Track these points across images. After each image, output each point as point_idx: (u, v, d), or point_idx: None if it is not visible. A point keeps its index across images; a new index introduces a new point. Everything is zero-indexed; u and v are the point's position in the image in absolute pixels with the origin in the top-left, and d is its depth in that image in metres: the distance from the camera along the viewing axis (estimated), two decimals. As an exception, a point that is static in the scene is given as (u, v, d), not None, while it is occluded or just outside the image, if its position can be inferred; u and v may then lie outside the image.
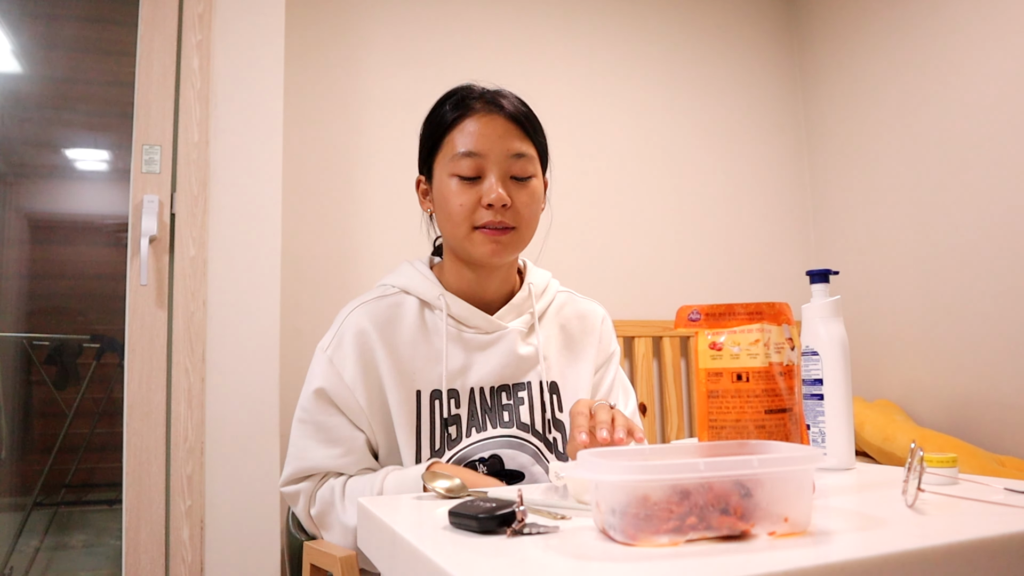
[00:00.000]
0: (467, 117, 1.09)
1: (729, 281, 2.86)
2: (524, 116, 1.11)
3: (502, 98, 1.11)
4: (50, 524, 2.58)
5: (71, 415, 2.54)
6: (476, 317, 1.13)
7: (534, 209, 1.11)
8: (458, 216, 1.08)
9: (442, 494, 0.85)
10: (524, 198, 1.09)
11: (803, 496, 0.60)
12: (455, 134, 1.09)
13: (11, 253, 2.64)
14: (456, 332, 1.12)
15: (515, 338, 1.13)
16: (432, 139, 1.13)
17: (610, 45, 2.81)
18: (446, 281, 1.16)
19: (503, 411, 1.12)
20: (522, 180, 1.09)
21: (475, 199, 1.07)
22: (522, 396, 1.13)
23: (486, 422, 1.11)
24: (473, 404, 1.11)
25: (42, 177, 2.68)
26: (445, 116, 1.11)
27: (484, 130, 1.08)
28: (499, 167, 1.07)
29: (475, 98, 1.10)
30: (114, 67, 2.56)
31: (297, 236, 2.30)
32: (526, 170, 1.10)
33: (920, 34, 2.56)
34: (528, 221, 1.10)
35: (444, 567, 0.55)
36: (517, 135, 1.09)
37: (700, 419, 0.82)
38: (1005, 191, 2.28)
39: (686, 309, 0.84)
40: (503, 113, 1.09)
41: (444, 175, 1.10)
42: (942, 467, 0.81)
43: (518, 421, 1.12)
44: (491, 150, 1.07)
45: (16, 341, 2.58)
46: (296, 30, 2.32)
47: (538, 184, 1.13)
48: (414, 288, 1.15)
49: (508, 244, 1.08)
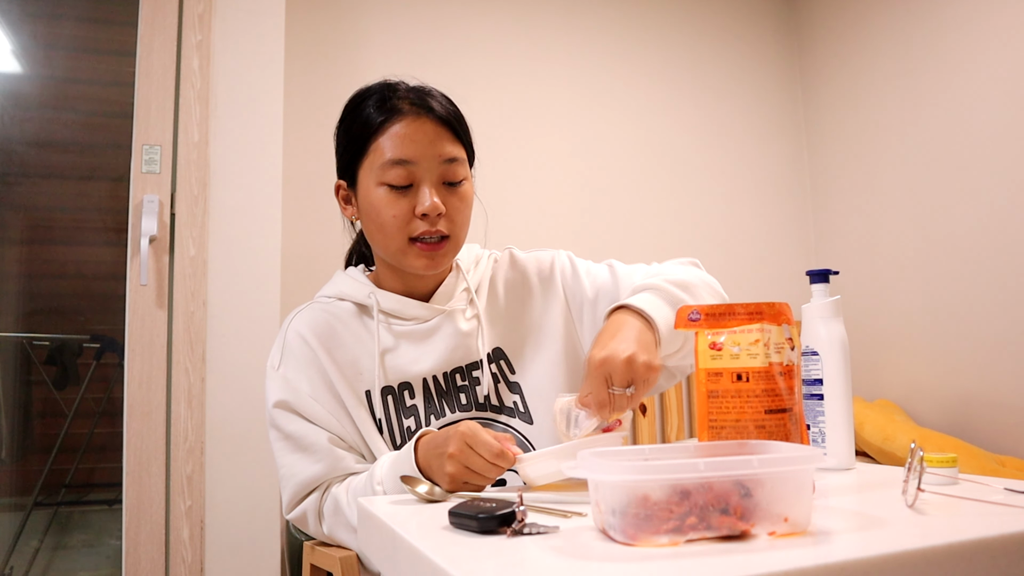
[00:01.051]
0: (394, 120, 1.04)
1: (729, 281, 2.85)
2: (454, 117, 1.07)
3: (431, 99, 1.06)
4: (50, 524, 2.58)
5: (71, 415, 2.54)
6: (411, 307, 1.11)
7: (467, 214, 1.09)
8: (391, 228, 1.04)
9: (423, 497, 0.84)
10: (456, 203, 1.06)
11: (803, 496, 0.60)
12: (382, 139, 1.04)
13: (11, 253, 2.64)
14: (387, 327, 1.11)
15: (456, 317, 1.12)
16: (356, 143, 1.08)
17: (610, 45, 2.81)
18: (379, 282, 1.15)
19: (459, 393, 1.10)
20: (454, 185, 1.06)
21: (407, 209, 1.04)
22: (476, 375, 1.11)
23: (443, 408, 1.09)
24: (428, 393, 1.09)
25: (42, 177, 2.68)
26: (370, 118, 1.06)
27: (414, 135, 1.03)
28: (431, 174, 1.04)
29: (401, 98, 1.05)
30: (114, 67, 2.56)
31: (297, 236, 2.30)
32: (458, 174, 1.06)
33: (920, 34, 2.56)
34: (462, 225, 1.08)
35: (444, 567, 0.55)
36: (448, 138, 1.05)
37: (700, 419, 0.82)
38: (1005, 191, 2.28)
39: (686, 309, 0.84)
40: (432, 115, 1.05)
41: (371, 183, 1.06)
42: (942, 467, 0.81)
43: (475, 401, 1.10)
44: (423, 156, 1.03)
45: (16, 341, 2.58)
46: (296, 30, 2.32)
47: (469, 187, 1.10)
48: (346, 293, 1.14)
49: (444, 255, 1.07)
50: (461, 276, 1.16)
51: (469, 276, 1.16)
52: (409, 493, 0.86)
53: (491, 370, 1.12)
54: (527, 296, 1.18)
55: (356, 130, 1.08)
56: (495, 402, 1.11)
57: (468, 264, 1.18)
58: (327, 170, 2.42)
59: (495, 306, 1.16)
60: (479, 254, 1.22)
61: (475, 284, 1.16)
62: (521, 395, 1.13)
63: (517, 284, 1.18)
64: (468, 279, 1.16)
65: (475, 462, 0.86)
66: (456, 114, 1.09)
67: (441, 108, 1.07)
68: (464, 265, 1.17)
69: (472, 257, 1.20)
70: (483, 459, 0.86)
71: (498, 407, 1.11)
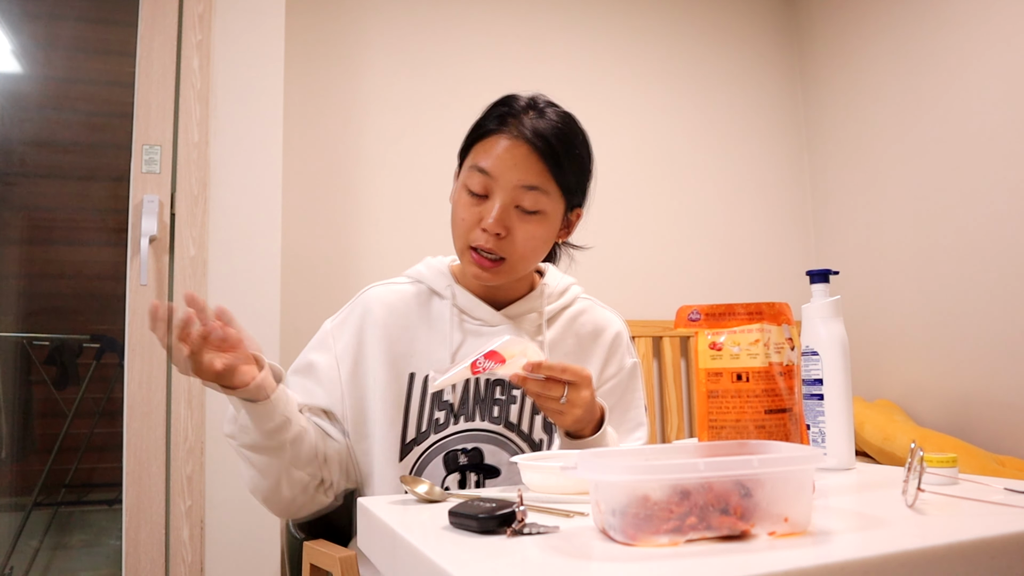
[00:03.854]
0: (496, 134, 1.07)
1: (729, 281, 2.86)
2: (552, 150, 1.06)
3: (540, 123, 1.07)
4: (50, 524, 2.58)
5: (71, 415, 2.54)
6: (480, 309, 1.14)
7: (533, 244, 1.08)
8: (458, 229, 1.09)
9: (423, 497, 0.84)
10: (524, 232, 1.07)
11: (803, 496, 0.60)
12: (482, 146, 1.08)
13: (11, 253, 2.64)
14: (459, 321, 1.14)
15: (518, 333, 1.13)
16: (468, 140, 1.13)
17: (611, 45, 2.81)
18: (461, 278, 1.18)
19: (494, 405, 1.12)
20: (529, 213, 1.07)
21: (477, 217, 1.07)
22: (515, 394, 1.13)
23: (475, 413, 1.11)
24: (466, 393, 1.11)
25: (42, 177, 2.68)
26: (484, 123, 1.10)
27: (504, 154, 1.05)
28: (506, 194, 1.05)
29: (513, 116, 1.08)
30: (114, 67, 2.57)
31: (297, 236, 2.30)
32: (536, 204, 1.06)
33: (920, 34, 2.56)
34: (524, 255, 1.08)
35: (444, 567, 0.55)
36: (536, 168, 1.05)
37: (700, 419, 0.82)
38: (1005, 191, 2.28)
39: (686, 309, 0.84)
40: (530, 143, 1.05)
41: (461, 182, 1.11)
42: (942, 467, 0.81)
43: (506, 419, 1.12)
44: (503, 175, 1.05)
45: (16, 341, 2.58)
46: (296, 30, 2.32)
47: (545, 222, 1.09)
48: (427, 278, 1.18)
49: (495, 273, 1.08)
50: (542, 298, 1.18)
51: (549, 303, 1.18)
52: (409, 493, 0.86)
53: None
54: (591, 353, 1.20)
55: (473, 129, 1.13)
56: (524, 428, 1.13)
57: (553, 290, 1.20)
58: (327, 170, 2.44)
59: (561, 343, 1.18)
60: (568, 285, 1.23)
61: (551, 312, 1.18)
62: (551, 437, 1.14)
63: (587, 336, 1.20)
64: (546, 305, 1.18)
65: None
66: (557, 149, 1.07)
67: (544, 137, 1.06)
68: (548, 291, 1.19)
69: (561, 285, 1.22)
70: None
71: (525, 434, 1.13)
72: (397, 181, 2.45)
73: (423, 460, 1.09)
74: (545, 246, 1.12)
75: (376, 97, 2.48)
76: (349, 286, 2.35)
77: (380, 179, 2.45)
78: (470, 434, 1.10)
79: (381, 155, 2.46)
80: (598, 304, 1.25)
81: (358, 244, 2.41)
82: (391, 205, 2.45)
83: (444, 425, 1.10)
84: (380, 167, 2.45)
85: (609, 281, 2.66)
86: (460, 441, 1.10)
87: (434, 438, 1.09)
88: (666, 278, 2.77)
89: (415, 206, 2.45)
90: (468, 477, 1.10)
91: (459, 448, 1.09)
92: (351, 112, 2.45)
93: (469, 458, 1.09)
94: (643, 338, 2.60)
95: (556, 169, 1.07)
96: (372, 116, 2.46)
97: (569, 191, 1.12)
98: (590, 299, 1.25)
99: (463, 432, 1.10)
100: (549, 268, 1.24)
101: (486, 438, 1.11)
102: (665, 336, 2.65)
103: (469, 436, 1.10)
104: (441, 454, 1.09)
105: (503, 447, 1.11)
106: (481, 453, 1.10)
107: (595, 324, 1.21)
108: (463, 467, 1.10)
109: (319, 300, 2.30)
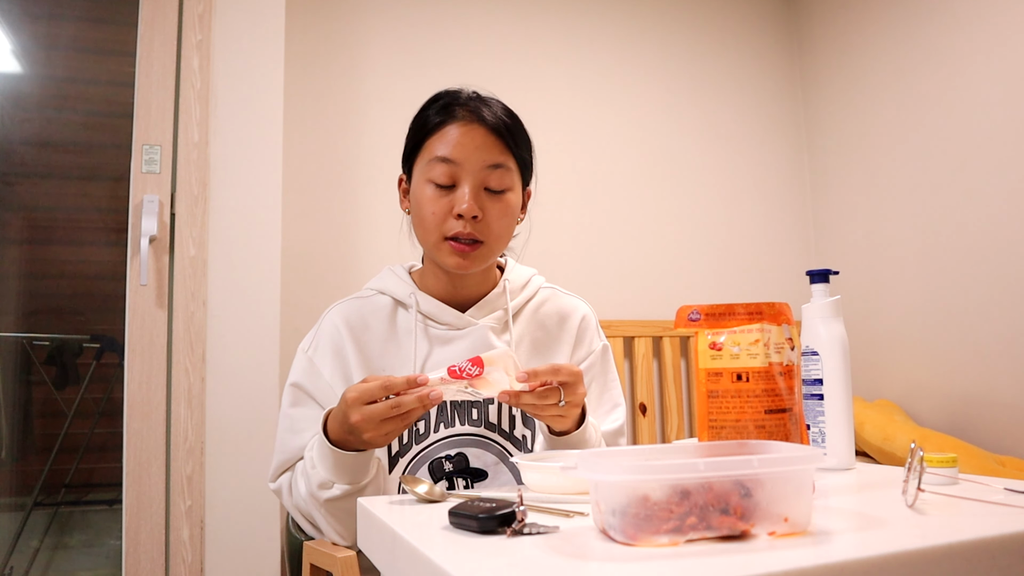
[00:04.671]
0: (448, 124, 1.08)
1: (729, 281, 2.86)
2: (506, 128, 1.10)
3: (486, 107, 1.10)
4: (50, 524, 2.58)
5: (71, 415, 2.54)
6: (445, 314, 1.14)
7: (506, 223, 1.10)
8: (430, 223, 1.08)
9: (423, 497, 0.84)
10: (496, 212, 1.09)
11: (803, 496, 0.60)
12: (435, 139, 1.09)
13: (11, 253, 2.64)
14: (424, 328, 1.13)
15: (485, 334, 1.13)
16: (414, 140, 1.14)
17: (610, 46, 2.81)
18: (423, 284, 1.18)
19: (472, 408, 1.12)
20: (497, 193, 1.09)
21: (447, 208, 1.07)
22: None
23: (454, 418, 1.11)
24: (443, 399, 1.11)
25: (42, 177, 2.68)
26: (428, 119, 1.11)
27: (463, 139, 1.07)
28: (474, 177, 1.07)
29: (460, 105, 1.10)
30: (114, 67, 2.56)
31: (297, 236, 2.30)
32: (502, 182, 1.09)
33: (920, 34, 2.56)
34: (499, 235, 1.10)
35: (444, 567, 0.55)
36: (496, 147, 1.08)
37: (700, 419, 0.82)
38: (1005, 191, 2.28)
39: (686, 309, 0.84)
40: (485, 124, 1.08)
41: (421, 179, 1.10)
42: (942, 467, 0.81)
43: (486, 420, 1.12)
44: (467, 159, 1.07)
45: (16, 341, 2.58)
46: (296, 30, 2.32)
47: (513, 198, 1.11)
48: (388, 289, 1.17)
49: (476, 258, 1.08)
50: (505, 295, 1.18)
51: (512, 298, 1.18)
52: (409, 493, 0.86)
53: None
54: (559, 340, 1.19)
55: (417, 129, 1.14)
56: (505, 427, 1.13)
57: (515, 285, 1.20)
58: (327, 170, 2.44)
59: (529, 337, 1.18)
60: (529, 277, 1.23)
61: (515, 307, 1.18)
62: (533, 432, 1.14)
63: (553, 325, 1.20)
64: (510, 301, 1.17)
65: (377, 411, 0.88)
66: (511, 126, 1.11)
67: (494, 117, 1.09)
68: (511, 286, 1.19)
69: (522, 279, 1.22)
70: (382, 405, 0.88)
71: (506, 432, 1.13)
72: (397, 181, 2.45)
73: (409, 471, 1.09)
74: (513, 225, 1.14)
75: (376, 97, 2.48)
76: (349, 286, 2.35)
77: (380, 179, 2.45)
78: (452, 439, 1.10)
79: (381, 155, 2.45)
80: (561, 291, 1.25)
81: (358, 244, 2.41)
82: (391, 205, 2.44)
83: (425, 435, 1.10)
84: (380, 167, 2.45)
85: (609, 281, 2.66)
86: (443, 448, 1.10)
87: (416, 448, 1.09)
88: (666, 278, 2.77)
89: (415, 206, 2.45)
90: (456, 483, 1.10)
91: (443, 455, 1.10)
92: (351, 112, 2.45)
93: (454, 464, 1.10)
94: (643, 338, 2.60)
95: (513, 145, 1.10)
96: (372, 116, 2.46)
97: (525, 166, 1.14)
98: (552, 287, 1.25)
99: (445, 439, 1.10)
100: (508, 262, 1.24)
101: (469, 441, 1.11)
102: (665, 336, 2.65)
103: (451, 442, 1.10)
104: (426, 463, 1.09)
105: (487, 448, 1.11)
106: (466, 457, 1.10)
107: (560, 311, 1.21)
108: (449, 474, 1.10)
109: (319, 300, 2.29)
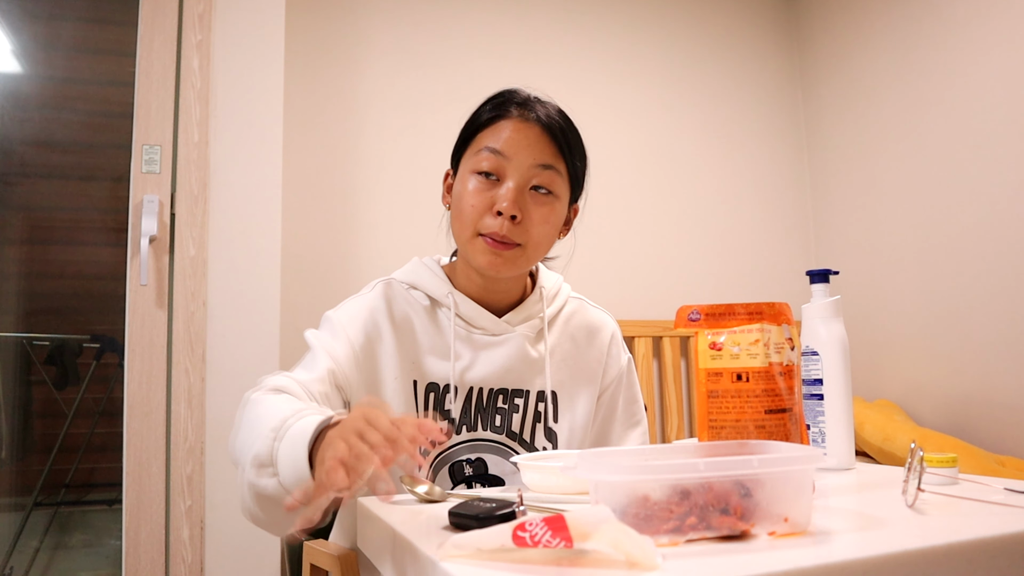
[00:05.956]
0: (502, 119, 1.06)
1: (729, 281, 2.86)
2: (560, 130, 1.06)
3: (543, 107, 1.07)
4: (50, 524, 2.58)
5: (71, 415, 2.54)
6: (483, 318, 1.11)
7: (546, 231, 1.06)
8: (467, 216, 1.04)
9: (423, 497, 0.84)
10: (538, 216, 1.04)
11: (803, 496, 0.60)
12: (487, 133, 1.06)
13: (11, 253, 2.64)
14: (464, 331, 1.10)
15: (522, 342, 1.11)
16: (465, 135, 1.11)
17: (611, 46, 2.81)
18: (456, 281, 1.14)
19: (496, 415, 1.10)
20: (542, 195, 1.05)
21: (487, 203, 1.03)
22: (518, 403, 1.11)
23: (478, 423, 1.09)
24: (468, 402, 1.09)
25: (42, 177, 2.68)
26: (482, 114, 1.08)
27: (515, 135, 1.04)
28: (521, 175, 1.03)
29: (516, 103, 1.07)
30: (114, 67, 2.56)
31: (297, 236, 2.30)
32: (551, 183, 1.05)
33: (920, 34, 2.56)
34: (538, 241, 1.05)
35: (444, 567, 0.55)
36: (549, 148, 1.05)
37: (700, 419, 0.82)
38: (1005, 191, 2.28)
39: (686, 309, 0.84)
40: (540, 123, 1.05)
41: (465, 171, 1.07)
42: (942, 467, 0.81)
43: (508, 428, 1.10)
44: (516, 154, 1.03)
45: (16, 341, 2.58)
46: (296, 30, 2.32)
47: (559, 206, 1.07)
48: (423, 284, 1.13)
49: (509, 260, 1.04)
50: (541, 303, 1.15)
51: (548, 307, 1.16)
52: (409, 493, 0.86)
53: (538, 408, 1.12)
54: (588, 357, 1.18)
55: (469, 124, 1.10)
56: (526, 437, 1.11)
57: (549, 292, 1.17)
58: (327, 170, 2.43)
59: (560, 348, 1.16)
60: (560, 284, 1.21)
61: (549, 316, 1.16)
62: (554, 444, 1.13)
63: (582, 339, 1.18)
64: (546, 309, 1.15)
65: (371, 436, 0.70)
66: (565, 129, 1.07)
67: (550, 118, 1.06)
68: (546, 293, 1.17)
69: (555, 285, 1.20)
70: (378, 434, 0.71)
71: (527, 443, 1.11)
72: (397, 181, 2.45)
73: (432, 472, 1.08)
74: (555, 235, 1.10)
75: (376, 97, 2.48)
76: (349, 286, 2.34)
77: (380, 179, 2.45)
78: (473, 444, 1.09)
79: (381, 155, 2.45)
80: (588, 303, 1.24)
81: (358, 244, 2.41)
82: (391, 205, 2.44)
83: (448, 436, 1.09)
84: (380, 167, 2.45)
85: (609, 281, 2.66)
86: (464, 452, 1.09)
87: (438, 449, 1.08)
88: (666, 278, 2.77)
89: (415, 206, 2.45)
90: (474, 488, 1.09)
91: (464, 459, 1.09)
92: (351, 112, 2.45)
93: (474, 468, 1.09)
94: (643, 338, 2.60)
95: (567, 151, 1.07)
96: (372, 116, 2.46)
97: (575, 178, 1.11)
98: (579, 297, 1.24)
99: (466, 442, 1.09)
100: (540, 268, 1.22)
101: (489, 448, 1.09)
102: (665, 336, 2.65)
103: (472, 446, 1.09)
104: (447, 465, 1.08)
105: (506, 456, 1.10)
106: (485, 464, 1.09)
107: (588, 325, 1.20)
108: (468, 478, 1.09)
109: (319, 300, 2.29)
